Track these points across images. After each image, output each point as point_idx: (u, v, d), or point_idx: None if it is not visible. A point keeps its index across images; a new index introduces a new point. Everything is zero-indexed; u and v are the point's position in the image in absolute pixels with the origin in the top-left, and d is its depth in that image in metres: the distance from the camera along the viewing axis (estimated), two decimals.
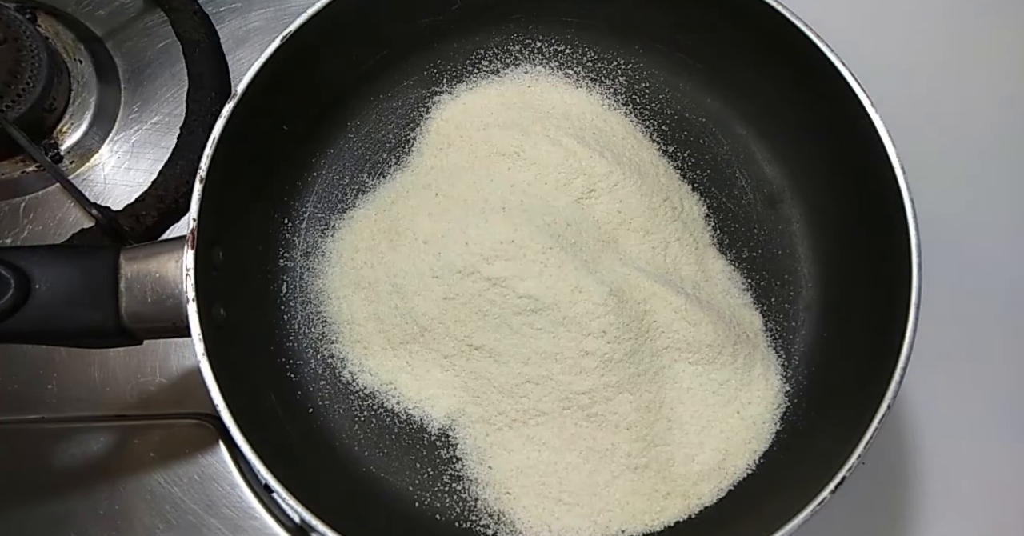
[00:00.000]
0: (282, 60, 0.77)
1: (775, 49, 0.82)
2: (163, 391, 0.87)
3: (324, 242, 0.85)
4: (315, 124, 0.86)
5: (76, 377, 0.88)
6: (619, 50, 0.91)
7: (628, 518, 0.78)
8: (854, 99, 0.76)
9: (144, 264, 0.69)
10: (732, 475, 0.79)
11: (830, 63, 0.77)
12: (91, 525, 0.83)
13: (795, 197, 0.87)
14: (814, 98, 0.81)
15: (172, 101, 0.96)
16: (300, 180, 0.87)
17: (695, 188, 0.87)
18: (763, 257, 0.86)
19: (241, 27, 0.99)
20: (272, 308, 0.83)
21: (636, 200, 0.81)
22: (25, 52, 0.88)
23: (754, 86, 0.87)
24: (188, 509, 0.83)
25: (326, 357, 0.83)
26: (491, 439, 0.80)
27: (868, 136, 0.75)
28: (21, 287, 0.66)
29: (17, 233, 0.92)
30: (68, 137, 0.94)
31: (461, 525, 0.79)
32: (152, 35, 0.98)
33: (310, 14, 0.78)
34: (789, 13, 0.78)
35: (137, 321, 0.69)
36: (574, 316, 0.75)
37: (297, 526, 0.84)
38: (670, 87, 0.90)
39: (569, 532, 0.77)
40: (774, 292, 0.85)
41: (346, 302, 0.83)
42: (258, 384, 0.78)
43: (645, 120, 0.89)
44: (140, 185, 0.92)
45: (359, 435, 0.81)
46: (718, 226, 0.87)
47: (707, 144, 0.89)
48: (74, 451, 0.85)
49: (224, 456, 0.85)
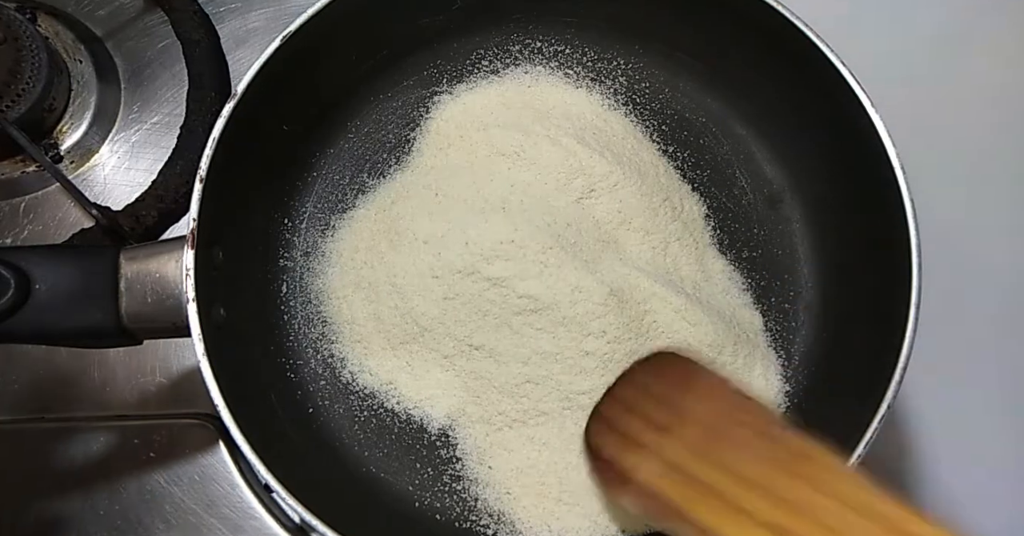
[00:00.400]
0: (282, 60, 0.77)
1: (775, 49, 0.82)
2: (163, 391, 0.88)
3: (324, 242, 0.85)
4: (315, 124, 0.86)
5: (76, 377, 0.88)
6: (619, 50, 0.91)
7: (628, 518, 0.77)
8: (854, 99, 0.76)
9: (144, 264, 0.70)
10: None
11: (830, 63, 0.77)
12: (91, 525, 0.83)
13: (795, 197, 0.87)
14: (814, 98, 0.81)
15: (172, 101, 0.96)
16: (300, 180, 0.87)
17: (695, 188, 0.87)
18: (763, 257, 0.86)
19: (241, 27, 0.99)
20: (272, 308, 0.83)
21: (636, 200, 0.81)
22: (25, 52, 0.88)
23: (754, 86, 0.87)
24: (188, 509, 0.83)
25: (326, 357, 0.83)
26: (491, 439, 0.80)
27: (868, 136, 0.75)
28: (21, 287, 0.66)
29: (17, 233, 0.92)
30: (68, 137, 0.95)
31: (461, 525, 0.79)
32: (152, 35, 0.99)
33: (310, 14, 0.78)
34: (789, 13, 0.78)
35: (137, 321, 0.69)
36: (574, 316, 0.75)
37: (297, 526, 0.84)
38: (670, 87, 0.90)
39: (569, 532, 0.77)
40: (774, 292, 0.85)
41: (346, 302, 0.83)
42: (258, 384, 0.78)
43: (645, 120, 0.89)
44: (140, 185, 0.92)
45: (359, 435, 0.81)
46: (718, 226, 0.87)
47: (707, 144, 0.89)
48: (74, 451, 0.85)
49: (224, 456, 0.85)
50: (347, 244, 0.84)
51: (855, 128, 0.76)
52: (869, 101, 0.76)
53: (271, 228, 0.85)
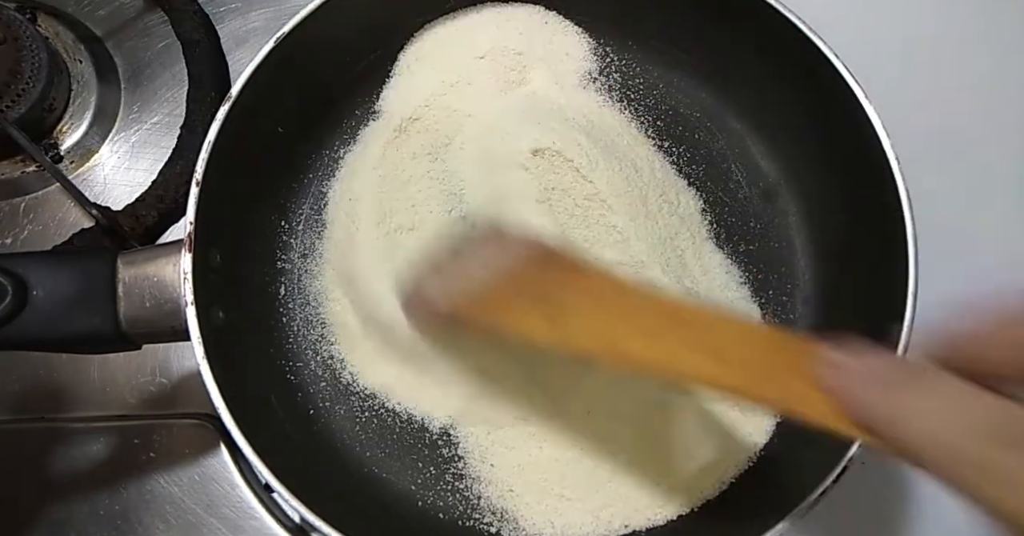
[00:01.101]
0: (276, 62, 0.77)
1: (769, 43, 0.82)
2: (163, 391, 0.88)
3: (321, 243, 0.85)
4: (310, 125, 0.87)
5: (76, 377, 0.88)
6: (613, 46, 0.91)
7: (630, 513, 0.78)
8: (848, 92, 0.76)
9: (142, 268, 0.70)
10: (732, 468, 0.79)
11: (824, 56, 0.77)
12: (91, 525, 0.83)
13: (791, 190, 0.87)
14: (809, 91, 0.81)
15: (172, 101, 0.96)
16: (296, 182, 0.87)
17: (691, 183, 0.87)
18: (760, 251, 0.86)
19: (241, 27, 0.99)
20: (271, 310, 0.83)
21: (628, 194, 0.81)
22: (25, 52, 0.89)
23: (749, 81, 0.87)
24: (188, 509, 0.84)
25: (326, 358, 0.83)
26: (492, 437, 0.80)
27: (863, 129, 0.75)
28: (18, 294, 0.65)
29: (17, 233, 0.92)
30: (68, 137, 0.95)
31: (464, 523, 0.79)
32: (152, 35, 0.99)
33: (303, 15, 0.78)
34: (783, 7, 0.78)
35: (136, 326, 0.69)
36: None
37: (297, 526, 0.85)
38: (665, 83, 0.90)
39: (572, 528, 0.78)
40: (772, 285, 0.86)
41: (339, 304, 0.83)
42: (258, 386, 0.78)
43: (640, 116, 0.89)
44: (140, 185, 0.92)
45: (360, 436, 0.82)
46: (715, 220, 0.87)
47: (702, 139, 0.89)
48: (74, 451, 0.85)
49: (224, 456, 0.85)
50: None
51: (850, 121, 0.76)
52: (863, 93, 0.76)
53: (268, 230, 0.85)
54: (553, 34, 0.89)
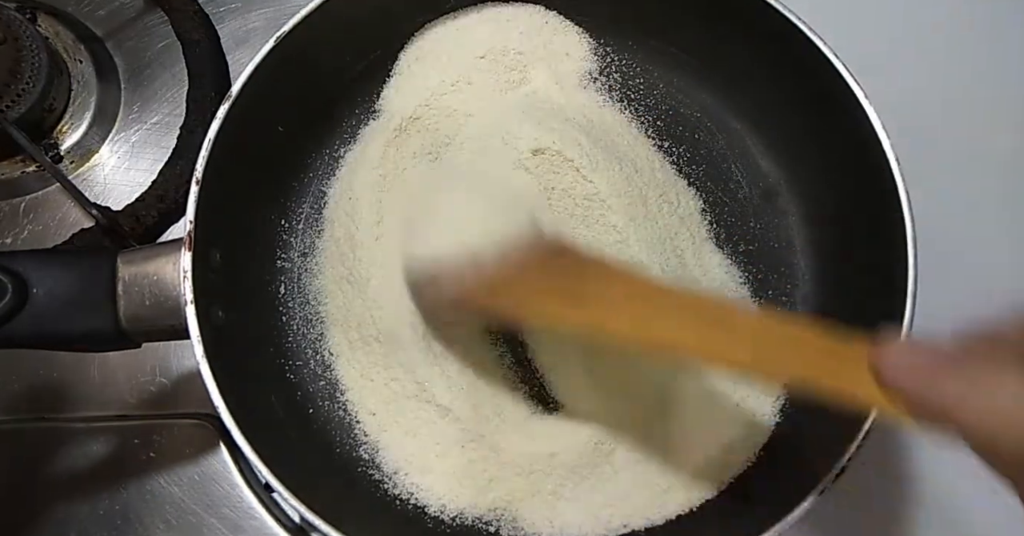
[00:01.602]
0: (276, 61, 0.77)
1: (769, 43, 0.82)
2: (163, 391, 0.88)
3: (321, 242, 0.85)
4: (310, 125, 0.87)
5: (76, 377, 0.88)
6: (613, 47, 0.91)
7: (630, 512, 0.78)
8: (848, 92, 0.76)
9: (142, 267, 0.70)
10: (733, 468, 0.79)
11: (824, 56, 0.77)
12: (91, 525, 0.83)
13: (791, 190, 0.87)
14: (808, 91, 0.81)
15: (172, 101, 0.96)
16: (296, 181, 0.87)
17: (691, 183, 0.87)
18: (760, 250, 0.86)
19: (241, 27, 0.99)
20: (271, 309, 0.83)
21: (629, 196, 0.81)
22: (25, 52, 0.89)
23: (749, 80, 0.87)
24: (188, 509, 0.83)
25: (325, 357, 0.83)
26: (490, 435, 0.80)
27: (863, 129, 0.75)
28: (18, 292, 0.66)
29: (17, 233, 0.92)
30: (68, 137, 0.95)
31: (463, 522, 0.79)
32: (152, 35, 0.99)
33: (303, 15, 0.78)
34: (783, 7, 0.78)
35: (135, 324, 0.69)
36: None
37: (297, 526, 0.84)
38: (664, 83, 0.90)
39: (571, 527, 0.77)
40: (771, 285, 0.86)
41: None
42: (258, 385, 0.78)
43: (640, 116, 0.89)
44: (140, 185, 0.92)
45: None
46: (715, 220, 0.87)
47: (702, 139, 0.89)
48: (74, 451, 0.85)
49: (224, 456, 0.85)
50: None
51: (849, 120, 0.76)
52: (863, 93, 0.76)
53: (268, 229, 0.85)
54: (553, 34, 0.89)
